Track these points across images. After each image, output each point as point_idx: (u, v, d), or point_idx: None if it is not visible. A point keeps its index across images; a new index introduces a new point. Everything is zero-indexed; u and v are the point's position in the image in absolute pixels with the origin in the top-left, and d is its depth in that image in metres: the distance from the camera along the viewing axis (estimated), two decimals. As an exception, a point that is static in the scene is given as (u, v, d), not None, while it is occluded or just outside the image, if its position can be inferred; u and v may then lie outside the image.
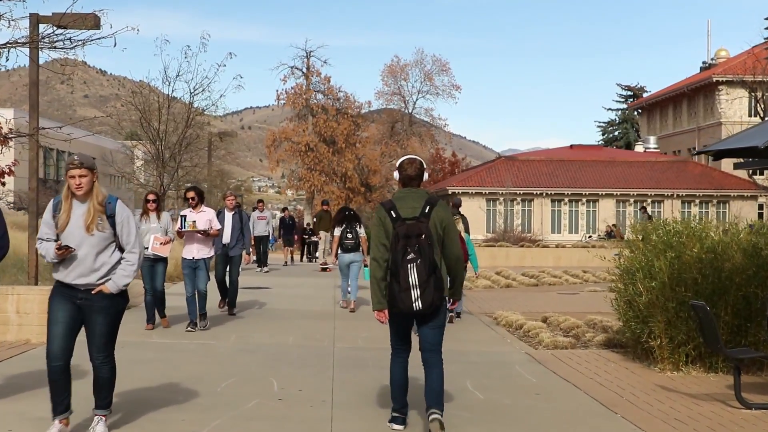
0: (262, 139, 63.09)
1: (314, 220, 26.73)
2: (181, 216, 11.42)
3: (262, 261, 23.02)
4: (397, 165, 6.30)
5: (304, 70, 55.54)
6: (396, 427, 6.19)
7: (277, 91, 57.46)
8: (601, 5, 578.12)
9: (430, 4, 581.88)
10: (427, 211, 5.95)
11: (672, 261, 8.74)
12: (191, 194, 11.55)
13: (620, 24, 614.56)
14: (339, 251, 14.02)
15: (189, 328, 11.12)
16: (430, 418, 5.92)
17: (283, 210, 28.08)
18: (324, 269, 23.00)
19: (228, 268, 13.14)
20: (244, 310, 13.66)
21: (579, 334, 11.36)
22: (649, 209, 40.54)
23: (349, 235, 13.95)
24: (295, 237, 25.80)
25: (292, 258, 27.36)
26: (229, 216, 13.10)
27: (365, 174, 59.47)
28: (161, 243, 10.99)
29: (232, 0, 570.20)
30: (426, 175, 6.35)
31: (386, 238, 5.95)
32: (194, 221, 11.20)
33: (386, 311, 6.02)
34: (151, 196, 11.27)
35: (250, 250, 13.72)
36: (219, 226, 11.70)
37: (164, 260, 11.28)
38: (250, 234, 13.77)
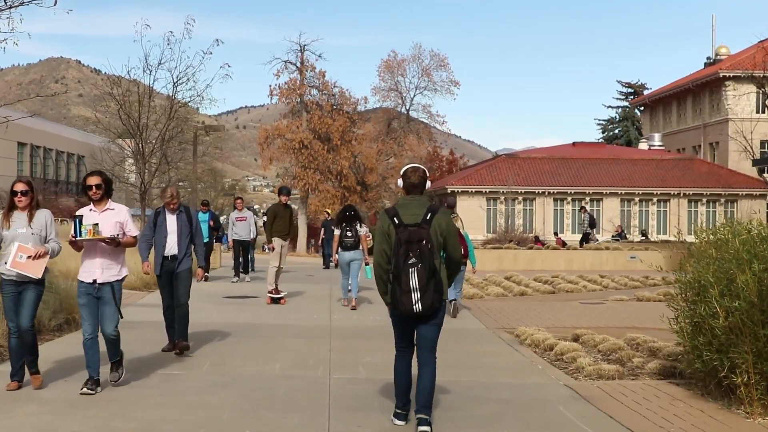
0: (257, 138, 61.14)
1: (264, 220, 19.55)
2: (76, 217, 7.38)
3: (244, 268, 19.86)
4: (401, 173, 6.51)
5: (298, 64, 53.55)
6: (398, 422, 6.40)
7: (270, 86, 55.33)
8: (598, 1, 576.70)
9: (426, 3, 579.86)
10: (428, 217, 6.18)
11: (761, 275, 6.86)
12: (94, 180, 7.47)
13: (618, 21, 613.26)
14: (339, 249, 14.39)
15: (86, 389, 7.23)
16: (419, 429, 6.18)
17: None
18: (275, 300, 14.92)
19: (177, 290, 9.67)
20: (224, 327, 11.74)
21: (623, 358, 9.47)
22: (588, 208, 38.54)
23: (349, 234, 14.25)
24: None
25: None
26: (172, 219, 9.56)
27: (361, 172, 57.54)
28: (28, 256, 7.15)
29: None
30: (429, 183, 6.54)
31: (388, 244, 6.20)
32: (95, 225, 7.27)
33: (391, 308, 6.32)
34: (19, 186, 7.36)
35: (204, 263, 10.17)
36: (135, 233, 7.74)
37: (37, 283, 7.35)
38: (202, 242, 10.07)
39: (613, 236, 36.46)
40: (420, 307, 6.03)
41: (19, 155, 64.32)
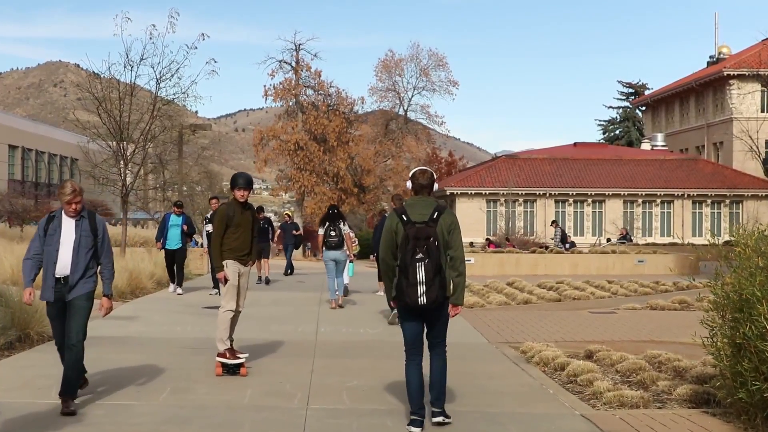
0: (252, 139, 59.92)
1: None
2: None
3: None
4: (410, 175, 6.72)
5: (293, 64, 52.42)
6: (414, 429, 6.40)
7: (264, 86, 54.13)
8: (598, 1, 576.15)
9: (424, 4, 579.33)
10: (435, 216, 6.40)
11: (823, 289, 5.70)
12: None
13: (618, 21, 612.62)
14: (324, 249, 14.27)
15: None
16: (433, 420, 6.50)
17: (258, 211, 22.48)
18: (230, 369, 8.54)
19: (68, 323, 7.05)
20: (197, 344, 10.56)
21: (646, 380, 8.30)
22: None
23: (333, 233, 14.14)
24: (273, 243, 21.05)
25: (267, 278, 20.33)
26: (69, 226, 7.03)
27: (358, 174, 56.40)
28: None
29: (222, 1, 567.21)
30: (436, 186, 6.69)
31: (395, 242, 6.41)
32: None
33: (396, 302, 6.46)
34: None
35: (110, 291, 7.28)
36: None
37: None
38: (110, 256, 7.25)
39: (618, 239, 35.35)
40: (425, 300, 6.23)
41: (11, 158, 63.21)
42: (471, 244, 36.63)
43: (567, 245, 30.27)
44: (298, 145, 50.66)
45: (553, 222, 36.66)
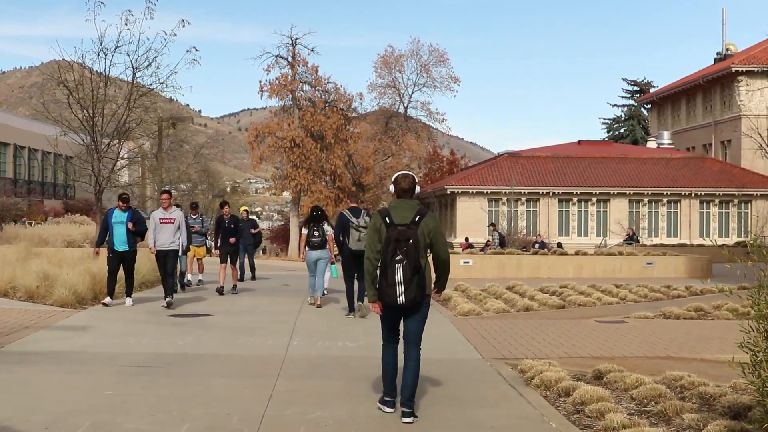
0: (247, 136, 58.48)
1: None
2: None
3: (166, 288, 14.40)
4: (393, 179, 6.99)
5: (290, 59, 51.05)
6: (387, 409, 6.73)
7: (260, 82, 52.75)
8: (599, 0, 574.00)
9: (426, 3, 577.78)
10: (417, 220, 6.70)
11: None
12: None
13: (623, 19, 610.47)
14: (306, 249, 14.48)
15: None
16: (403, 420, 6.56)
17: (222, 206, 18.45)
18: None
19: None
20: (145, 360, 9.16)
21: (668, 411, 6.90)
22: (500, 227, 35.87)
23: (316, 233, 14.31)
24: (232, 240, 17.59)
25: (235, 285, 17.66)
26: None
27: (357, 172, 55.00)
28: None
29: (225, 1, 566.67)
30: (417, 189, 7.00)
31: (380, 242, 6.68)
32: None
33: (380, 303, 6.70)
34: None
35: None
36: None
37: None
38: None
39: (625, 240, 33.96)
40: (403, 300, 6.50)
41: (2, 156, 61.90)
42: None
43: (534, 248, 28.83)
44: (294, 142, 49.30)
45: (491, 224, 35.11)
